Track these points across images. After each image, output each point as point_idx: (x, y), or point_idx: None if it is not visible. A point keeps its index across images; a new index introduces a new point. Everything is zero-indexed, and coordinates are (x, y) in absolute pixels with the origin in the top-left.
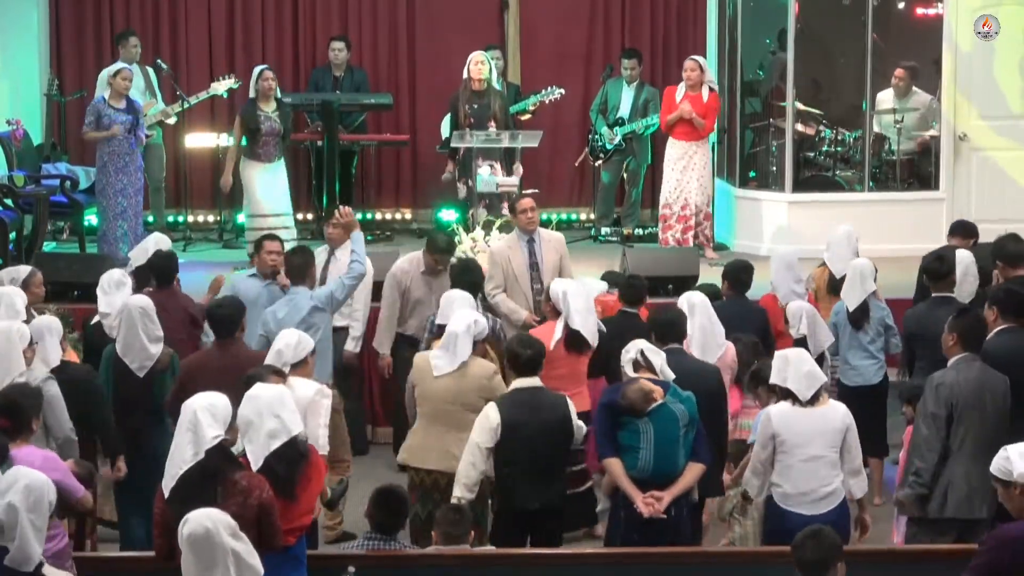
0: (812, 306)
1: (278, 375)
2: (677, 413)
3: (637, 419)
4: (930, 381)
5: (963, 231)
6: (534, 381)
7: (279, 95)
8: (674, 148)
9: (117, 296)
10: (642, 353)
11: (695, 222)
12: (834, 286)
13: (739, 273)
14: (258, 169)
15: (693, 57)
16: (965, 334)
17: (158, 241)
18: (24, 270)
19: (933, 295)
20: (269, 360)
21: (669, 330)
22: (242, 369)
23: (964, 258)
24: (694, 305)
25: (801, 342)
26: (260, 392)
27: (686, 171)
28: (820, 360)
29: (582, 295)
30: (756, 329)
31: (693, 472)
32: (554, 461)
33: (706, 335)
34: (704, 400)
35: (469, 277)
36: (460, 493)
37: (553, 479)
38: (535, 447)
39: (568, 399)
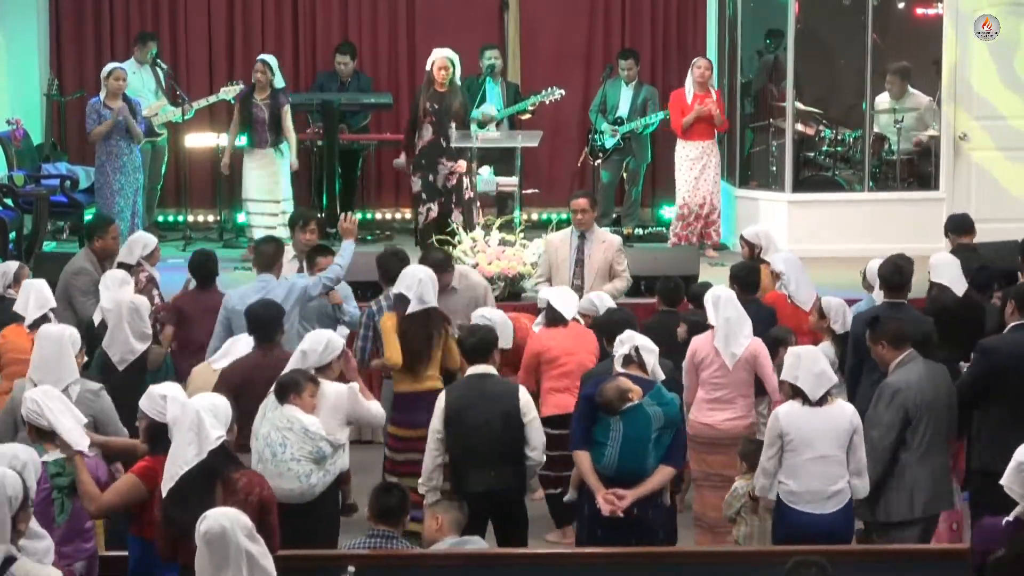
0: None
1: (314, 383)
2: (651, 415)
3: (610, 416)
4: (885, 387)
5: (963, 228)
6: (485, 368)
7: (277, 86)
8: (691, 148)
9: (120, 292)
10: (636, 350)
11: (711, 220)
12: None
13: (746, 275)
14: (250, 156)
15: (707, 57)
16: (895, 336)
17: (146, 242)
18: (12, 266)
19: (886, 300)
20: (295, 362)
21: (618, 329)
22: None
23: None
24: (719, 298)
25: (842, 339)
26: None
27: (705, 170)
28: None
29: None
30: (766, 329)
31: (662, 474)
32: (501, 447)
33: (731, 326)
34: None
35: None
36: (423, 480)
37: (501, 464)
38: (479, 433)
39: (521, 389)
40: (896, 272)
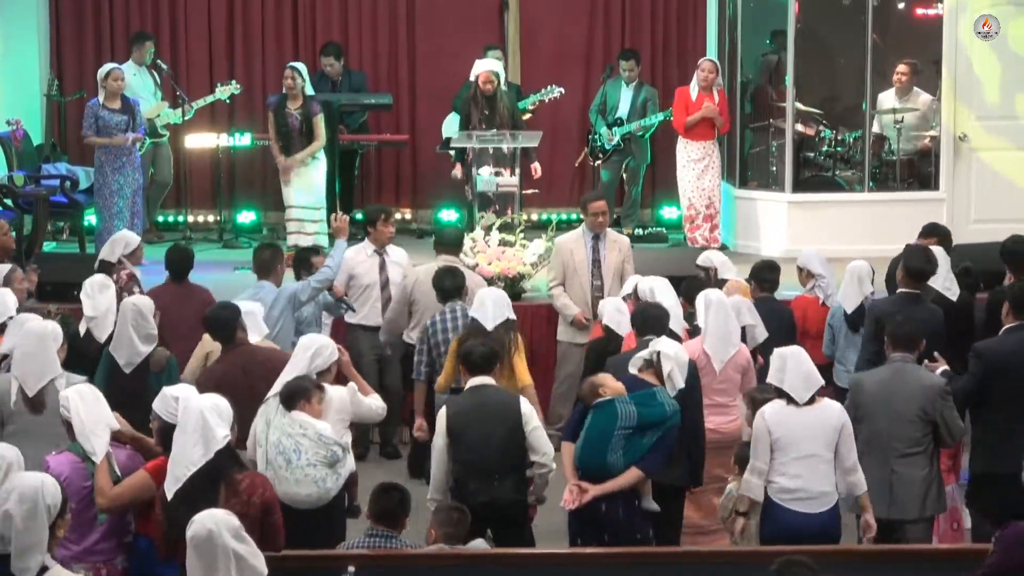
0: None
1: (320, 390)
2: (619, 412)
3: (589, 411)
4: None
5: (936, 233)
6: (486, 380)
7: (307, 93)
8: (692, 149)
9: (102, 299)
10: (657, 355)
11: (717, 222)
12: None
13: (765, 272)
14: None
15: (711, 59)
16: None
17: (127, 240)
18: (5, 268)
19: (901, 291)
20: (300, 365)
21: (649, 324)
22: (265, 373)
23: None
24: (710, 302)
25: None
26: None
27: (707, 170)
28: (753, 355)
29: (668, 292)
30: (784, 329)
31: (628, 476)
32: (501, 459)
33: (720, 331)
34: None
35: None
36: (432, 495)
37: (504, 476)
38: (482, 445)
39: (522, 400)
40: (922, 257)
